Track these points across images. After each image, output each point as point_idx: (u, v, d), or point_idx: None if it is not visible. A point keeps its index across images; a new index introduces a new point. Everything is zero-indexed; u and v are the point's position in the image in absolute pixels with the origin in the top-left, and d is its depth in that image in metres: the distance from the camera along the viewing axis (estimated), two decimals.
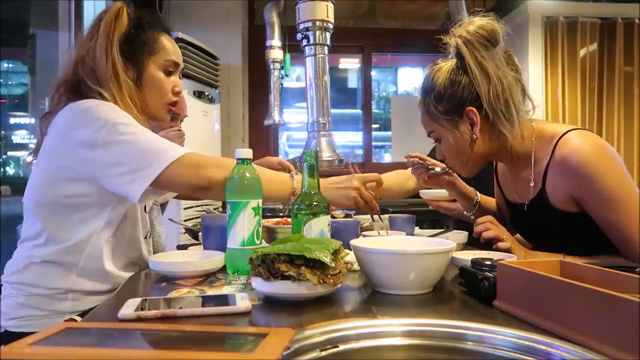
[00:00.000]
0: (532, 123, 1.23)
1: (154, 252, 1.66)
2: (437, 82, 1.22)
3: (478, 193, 1.49)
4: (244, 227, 1.03)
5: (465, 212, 1.48)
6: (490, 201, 1.52)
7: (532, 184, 1.22)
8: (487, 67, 1.16)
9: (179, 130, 1.67)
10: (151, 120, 1.25)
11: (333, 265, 0.83)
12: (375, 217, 1.24)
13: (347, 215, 1.75)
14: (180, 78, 1.29)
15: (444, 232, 1.45)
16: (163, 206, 1.91)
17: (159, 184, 1.06)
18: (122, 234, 1.18)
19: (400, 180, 2.07)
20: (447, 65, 1.24)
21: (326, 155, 1.73)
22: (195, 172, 1.07)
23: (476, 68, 1.17)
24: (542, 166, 1.19)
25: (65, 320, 1.06)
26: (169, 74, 1.25)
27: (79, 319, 1.07)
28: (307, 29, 1.70)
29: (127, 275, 1.19)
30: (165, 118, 1.28)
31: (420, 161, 1.42)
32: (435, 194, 1.57)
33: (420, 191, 1.63)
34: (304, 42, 1.72)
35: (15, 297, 1.10)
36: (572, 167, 1.11)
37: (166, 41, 1.24)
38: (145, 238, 1.27)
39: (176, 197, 1.66)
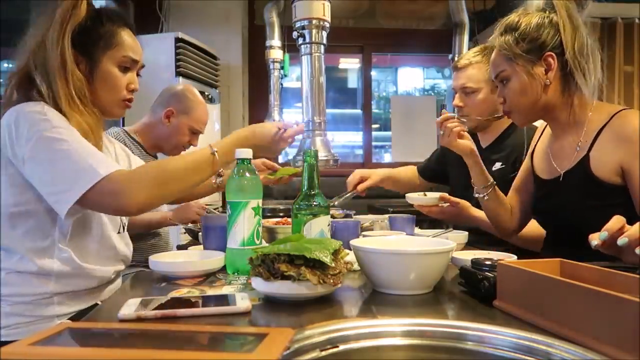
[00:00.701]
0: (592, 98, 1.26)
1: (158, 252, 1.66)
2: (522, 23, 1.25)
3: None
4: (244, 227, 1.03)
5: (476, 194, 1.46)
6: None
7: (578, 148, 1.23)
8: (578, 21, 1.20)
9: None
10: (104, 115, 1.22)
11: (333, 265, 0.83)
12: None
13: (347, 215, 1.75)
14: (138, 75, 1.26)
15: (445, 233, 1.45)
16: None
17: (85, 206, 1.02)
18: (88, 234, 1.14)
19: (412, 174, 2.09)
20: (535, 12, 1.28)
21: (321, 155, 1.72)
22: (115, 200, 1.00)
23: (568, 18, 1.20)
24: (592, 133, 1.20)
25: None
26: (125, 70, 1.20)
27: (69, 322, 1.06)
28: (303, 28, 1.69)
29: (110, 269, 1.19)
30: (119, 114, 1.24)
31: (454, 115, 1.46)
32: (423, 200, 1.56)
33: (408, 196, 1.62)
34: (300, 40, 1.72)
35: (2, 308, 1.06)
36: (629, 134, 1.13)
37: (126, 36, 1.19)
38: (119, 232, 1.24)
39: None
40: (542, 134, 1.45)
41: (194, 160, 1.11)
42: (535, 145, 1.45)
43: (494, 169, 1.71)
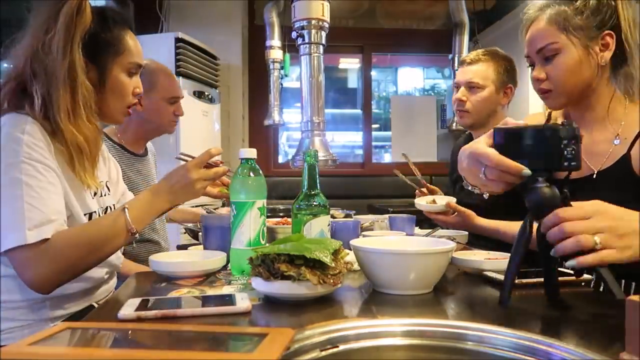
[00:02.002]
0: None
1: (158, 252, 1.66)
2: None
3: None
4: (250, 227, 1.03)
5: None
6: None
7: (617, 142, 1.14)
8: (636, 10, 1.14)
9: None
10: (105, 121, 1.20)
11: (333, 265, 0.83)
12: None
13: (347, 215, 1.75)
14: (139, 76, 1.23)
15: (434, 231, 1.45)
16: None
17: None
18: None
19: None
20: None
21: (320, 155, 1.72)
22: (21, 273, 0.97)
23: (628, 4, 1.13)
24: (632, 131, 1.12)
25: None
26: (130, 75, 1.18)
27: (69, 322, 1.04)
28: (302, 28, 1.69)
29: (102, 271, 1.17)
30: (122, 121, 1.23)
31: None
32: (431, 207, 1.55)
33: (417, 202, 1.61)
34: (299, 40, 1.72)
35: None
36: None
37: (130, 40, 1.16)
38: None
39: None
40: None
41: (103, 231, 1.05)
42: None
43: None
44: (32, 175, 0.99)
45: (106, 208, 1.24)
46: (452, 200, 1.54)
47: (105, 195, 1.25)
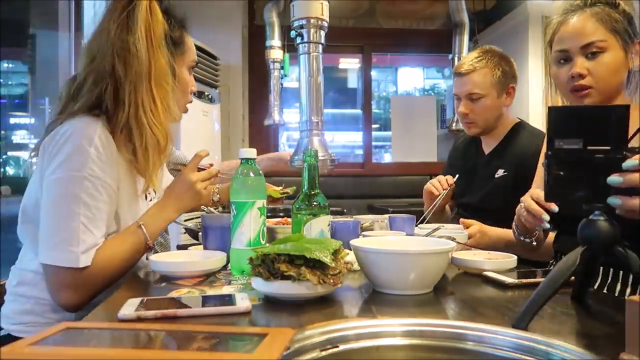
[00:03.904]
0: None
1: (159, 252, 1.66)
2: (619, 3, 1.18)
3: None
4: (250, 227, 1.03)
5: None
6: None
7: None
8: None
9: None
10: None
11: (333, 265, 0.83)
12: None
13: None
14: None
15: (436, 230, 1.44)
16: None
17: None
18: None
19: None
20: None
21: (319, 155, 1.72)
22: (58, 290, 1.00)
23: None
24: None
25: None
26: (190, 73, 1.22)
27: (69, 322, 1.05)
28: (301, 27, 1.69)
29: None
30: (179, 119, 1.25)
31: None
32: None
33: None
34: (298, 40, 1.72)
35: (21, 305, 1.08)
36: None
37: (189, 40, 1.21)
38: None
39: None
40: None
41: (128, 249, 1.07)
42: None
43: (496, 176, 1.69)
44: (91, 193, 1.01)
45: None
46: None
47: (152, 200, 1.27)
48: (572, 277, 0.83)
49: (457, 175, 1.69)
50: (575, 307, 0.83)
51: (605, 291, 1.16)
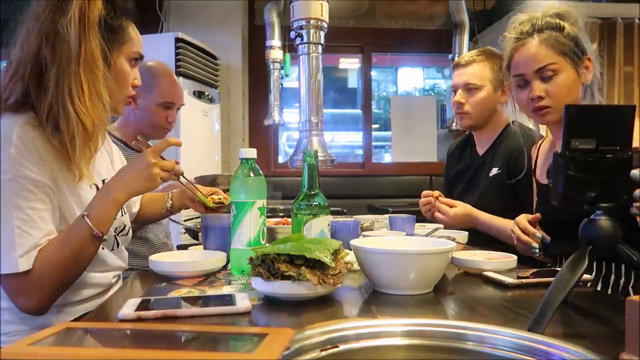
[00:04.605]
0: None
1: (159, 252, 1.66)
2: (563, 24, 1.26)
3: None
4: (250, 227, 1.03)
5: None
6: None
7: None
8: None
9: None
10: (111, 113, 1.16)
11: (333, 265, 0.83)
12: (183, 180, 1.19)
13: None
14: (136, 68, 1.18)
15: (437, 229, 1.45)
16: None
17: None
18: None
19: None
20: (564, 14, 1.30)
21: (318, 155, 1.72)
22: (14, 298, 0.98)
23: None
24: None
25: None
26: (132, 65, 1.15)
27: (69, 322, 1.03)
28: (301, 28, 1.69)
29: (109, 275, 1.17)
30: (121, 112, 1.20)
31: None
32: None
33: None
34: (298, 40, 1.72)
35: (2, 315, 1.04)
36: None
37: (134, 31, 1.14)
38: (113, 249, 1.20)
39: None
40: (539, 149, 1.45)
41: (74, 244, 1.01)
42: (536, 163, 1.44)
43: (490, 174, 1.71)
44: (21, 194, 0.96)
45: None
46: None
47: None
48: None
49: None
50: (576, 307, 0.83)
51: (600, 284, 1.16)
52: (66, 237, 1.01)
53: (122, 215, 1.24)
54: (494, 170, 1.70)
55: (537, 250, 0.93)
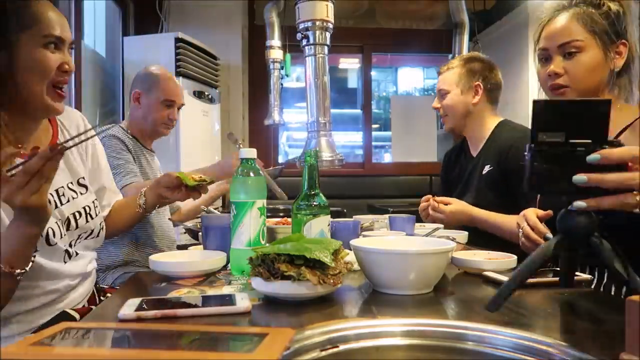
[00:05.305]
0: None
1: (162, 251, 1.67)
2: (603, 2, 1.18)
3: None
4: (250, 227, 1.03)
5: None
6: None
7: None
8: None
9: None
10: (34, 112, 1.03)
11: (333, 265, 0.83)
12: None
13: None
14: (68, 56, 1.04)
15: (437, 229, 1.46)
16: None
17: None
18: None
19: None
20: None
21: (326, 155, 1.73)
22: None
23: (635, 20, 1.19)
24: (615, 131, 1.15)
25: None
26: (50, 49, 1.00)
27: (69, 322, 1.00)
28: (307, 29, 1.70)
29: (63, 282, 1.10)
30: (54, 108, 1.03)
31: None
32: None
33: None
34: (304, 42, 1.73)
35: None
36: None
37: (47, 11, 0.99)
38: (66, 262, 1.11)
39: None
40: None
41: None
42: None
43: (483, 172, 1.73)
44: None
45: (82, 209, 1.15)
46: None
47: (71, 199, 1.14)
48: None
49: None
50: (576, 307, 0.83)
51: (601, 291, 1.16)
52: None
53: (86, 222, 1.16)
54: (487, 168, 1.73)
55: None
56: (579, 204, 0.69)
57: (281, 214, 1.77)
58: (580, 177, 0.67)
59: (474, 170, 1.80)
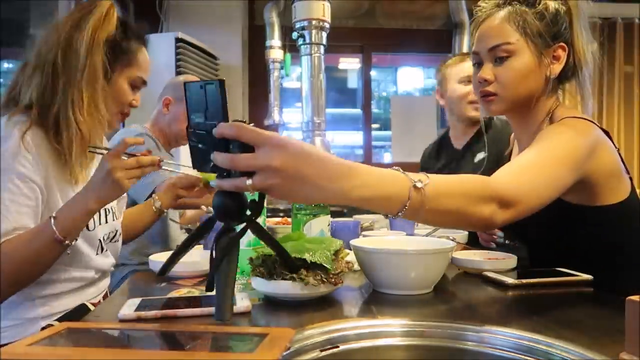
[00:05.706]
0: (556, 104, 1.11)
1: (164, 250, 1.66)
2: (549, 1, 1.06)
3: None
4: None
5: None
6: None
7: None
8: (588, 30, 1.09)
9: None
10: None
11: (334, 266, 0.83)
12: (167, 167, 1.20)
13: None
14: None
15: (435, 231, 1.45)
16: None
17: None
18: (60, 261, 1.09)
19: None
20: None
21: None
22: None
23: (583, 21, 1.08)
24: None
25: (43, 328, 1.01)
26: (133, 87, 1.23)
27: (56, 323, 1.03)
28: (303, 28, 1.70)
29: (90, 272, 1.18)
30: (115, 125, 1.27)
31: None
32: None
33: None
34: (300, 41, 1.73)
35: None
36: None
37: (142, 56, 1.23)
38: (98, 254, 1.21)
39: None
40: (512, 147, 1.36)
41: (35, 244, 1.01)
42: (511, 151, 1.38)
43: (476, 160, 1.73)
44: (6, 186, 1.01)
45: (110, 207, 1.26)
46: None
47: None
48: None
49: None
50: (576, 307, 0.83)
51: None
52: (30, 236, 1.02)
53: (113, 220, 1.27)
54: (480, 155, 1.74)
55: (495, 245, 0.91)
56: (213, 182, 0.71)
57: (281, 214, 1.77)
58: (213, 156, 0.67)
59: (461, 161, 1.86)
